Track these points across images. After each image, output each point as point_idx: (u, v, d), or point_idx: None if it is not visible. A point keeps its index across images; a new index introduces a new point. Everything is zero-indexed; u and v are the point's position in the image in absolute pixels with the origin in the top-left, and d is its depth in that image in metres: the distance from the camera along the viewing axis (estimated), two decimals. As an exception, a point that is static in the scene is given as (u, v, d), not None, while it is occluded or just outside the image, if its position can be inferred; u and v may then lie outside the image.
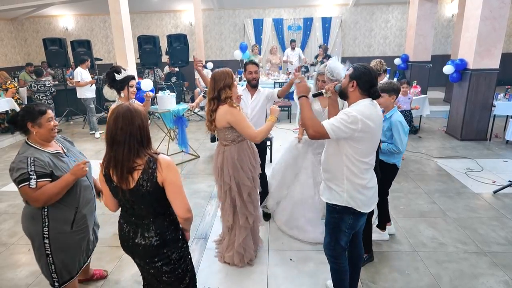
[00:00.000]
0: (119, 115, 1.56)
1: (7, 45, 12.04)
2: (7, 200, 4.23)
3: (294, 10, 11.61)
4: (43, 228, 2.05)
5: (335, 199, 2.06)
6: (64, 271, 2.18)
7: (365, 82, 1.94)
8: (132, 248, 1.74)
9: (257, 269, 2.83)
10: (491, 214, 3.61)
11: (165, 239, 1.70)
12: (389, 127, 2.80)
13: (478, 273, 2.72)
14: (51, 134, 2.07)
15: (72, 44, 8.22)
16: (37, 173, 1.92)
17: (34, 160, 1.93)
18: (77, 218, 2.13)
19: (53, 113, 2.11)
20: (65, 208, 2.08)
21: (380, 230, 3.16)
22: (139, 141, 1.58)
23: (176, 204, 1.64)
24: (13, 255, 3.12)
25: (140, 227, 1.69)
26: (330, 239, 2.17)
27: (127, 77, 3.06)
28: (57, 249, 2.10)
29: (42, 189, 1.92)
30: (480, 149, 5.65)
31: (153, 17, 11.97)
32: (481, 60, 5.69)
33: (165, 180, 1.59)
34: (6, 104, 6.67)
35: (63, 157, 2.11)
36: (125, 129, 1.54)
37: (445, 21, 11.43)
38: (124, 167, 1.56)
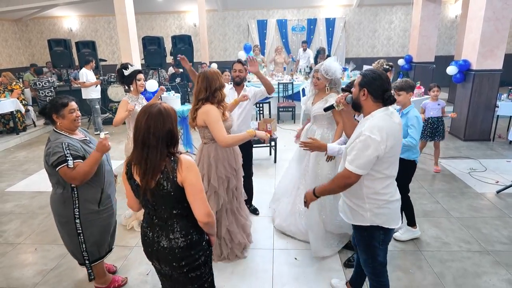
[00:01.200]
0: (151, 119, 1.55)
1: (12, 46, 12.13)
2: (14, 200, 4.28)
3: (298, 11, 11.64)
4: (73, 209, 2.26)
5: (358, 220, 1.94)
6: (94, 250, 2.40)
7: (377, 88, 1.82)
8: (157, 253, 1.66)
9: (262, 268, 2.86)
10: (494, 214, 3.62)
11: (191, 240, 1.65)
12: (406, 123, 2.84)
13: (481, 272, 2.73)
14: (74, 124, 2.28)
15: (77, 45, 8.27)
16: (72, 155, 2.15)
17: (68, 145, 2.16)
18: (103, 197, 2.35)
19: (76, 105, 2.31)
20: (92, 189, 2.30)
21: (412, 228, 3.16)
22: (167, 144, 1.58)
23: (195, 207, 1.60)
24: (20, 254, 3.16)
25: (164, 229, 1.65)
26: (366, 257, 2.03)
27: (134, 71, 3.30)
28: (87, 228, 2.31)
29: (77, 168, 2.13)
30: (483, 149, 5.65)
31: (157, 18, 12.03)
32: (484, 61, 5.69)
33: (184, 180, 1.57)
34: (11, 105, 6.73)
35: (89, 143, 2.36)
36: (157, 134, 1.54)
37: (449, 22, 11.42)
38: (150, 169, 1.55)
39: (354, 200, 1.93)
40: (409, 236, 3.15)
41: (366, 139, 1.74)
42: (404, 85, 2.90)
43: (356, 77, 1.96)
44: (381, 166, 1.81)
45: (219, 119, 2.50)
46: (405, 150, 2.82)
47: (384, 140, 1.73)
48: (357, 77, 1.94)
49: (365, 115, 1.88)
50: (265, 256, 3.01)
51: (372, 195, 1.87)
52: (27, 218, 3.80)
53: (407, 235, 3.15)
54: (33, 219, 3.77)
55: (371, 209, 1.88)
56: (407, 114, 2.88)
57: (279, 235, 3.32)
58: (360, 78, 1.88)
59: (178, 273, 1.68)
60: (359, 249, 2.08)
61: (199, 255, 1.69)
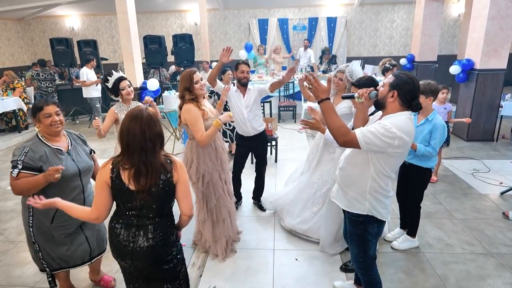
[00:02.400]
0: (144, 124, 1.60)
1: (14, 45, 12.15)
2: (15, 198, 4.27)
3: (299, 10, 11.60)
4: (28, 217, 2.16)
5: (355, 207, 1.99)
6: (54, 261, 2.25)
7: (408, 93, 1.80)
8: (132, 251, 1.68)
9: (262, 269, 2.84)
10: (498, 216, 3.58)
11: (167, 238, 1.74)
12: (430, 130, 2.72)
13: (485, 275, 2.70)
14: (51, 129, 2.10)
15: (79, 44, 8.28)
16: (24, 163, 2.00)
17: (28, 151, 2.02)
18: (58, 214, 2.14)
19: (56, 108, 2.12)
20: None
21: (411, 237, 3.05)
22: (161, 146, 1.67)
23: (185, 203, 1.71)
24: (21, 252, 3.15)
25: (142, 228, 1.68)
26: (358, 251, 2.09)
27: (115, 82, 3.06)
28: (41, 239, 2.19)
29: (19, 181, 2.00)
30: (486, 150, 5.61)
31: (158, 17, 12.01)
32: (488, 60, 5.65)
33: (179, 179, 1.67)
34: (13, 103, 6.73)
35: (62, 155, 2.14)
36: (153, 138, 1.62)
37: (452, 20, 11.35)
38: (155, 172, 1.62)
39: (355, 190, 1.97)
40: (408, 246, 3.03)
41: (388, 127, 1.74)
42: (423, 89, 2.70)
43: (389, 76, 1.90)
44: (389, 163, 1.85)
45: (197, 119, 2.61)
46: (424, 158, 2.75)
47: (402, 137, 1.75)
48: (389, 77, 1.90)
49: (385, 115, 1.88)
50: (266, 257, 2.99)
51: (375, 189, 1.92)
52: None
53: (405, 245, 3.03)
54: (34, 218, 3.76)
55: (371, 201, 1.94)
56: (432, 121, 2.74)
57: (280, 235, 3.30)
58: (392, 79, 1.84)
59: (152, 269, 1.75)
60: (352, 243, 2.12)
61: (176, 252, 1.80)
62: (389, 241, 3.12)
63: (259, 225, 3.49)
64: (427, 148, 2.70)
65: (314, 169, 3.23)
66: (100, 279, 2.66)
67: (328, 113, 1.80)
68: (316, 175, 3.18)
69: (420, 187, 2.87)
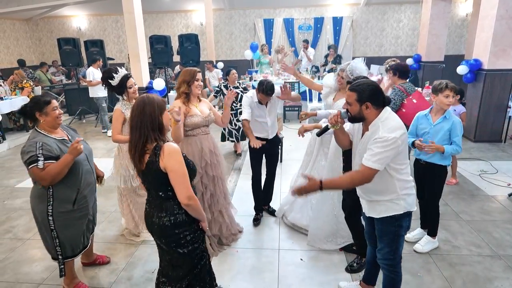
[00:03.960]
0: (134, 105, 1.76)
1: (22, 45, 12.28)
2: (23, 196, 4.32)
3: (305, 10, 11.57)
4: (47, 206, 2.27)
5: (393, 210, 2.00)
6: (68, 247, 2.40)
7: (377, 96, 1.86)
8: (151, 226, 1.87)
9: (267, 269, 2.84)
10: (506, 217, 3.54)
11: (175, 220, 1.80)
12: (449, 128, 2.72)
13: (492, 277, 2.67)
14: (57, 121, 2.29)
15: (86, 43, 8.34)
16: (44, 155, 2.14)
17: (42, 145, 2.16)
18: (78, 198, 2.34)
19: (57, 102, 2.33)
20: (68, 189, 2.30)
21: (432, 238, 3.02)
22: (150, 128, 1.72)
23: (177, 191, 1.75)
24: (29, 250, 3.19)
25: (155, 206, 1.83)
26: (390, 249, 2.09)
27: (123, 79, 2.92)
28: (60, 226, 2.32)
29: (47, 169, 2.14)
30: (494, 151, 5.55)
31: (164, 17, 12.06)
32: (497, 61, 5.59)
33: (166, 166, 1.70)
34: (21, 102, 6.78)
35: (68, 143, 2.32)
36: (137, 117, 1.73)
37: (459, 20, 11.24)
38: (136, 150, 1.73)
39: (387, 196, 1.98)
40: (431, 247, 2.99)
41: (386, 140, 1.79)
42: (438, 87, 2.73)
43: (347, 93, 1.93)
44: (401, 157, 1.90)
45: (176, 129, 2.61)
46: (440, 156, 2.75)
47: (399, 135, 1.80)
48: (348, 93, 1.91)
49: (369, 123, 1.91)
50: (271, 257, 2.99)
51: (403, 185, 1.96)
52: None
53: (428, 247, 2.98)
54: (41, 216, 3.80)
55: (404, 198, 1.97)
56: (450, 118, 2.73)
57: (284, 235, 3.30)
58: (355, 94, 1.86)
59: (168, 247, 1.86)
60: (383, 242, 2.09)
61: (184, 234, 1.83)
62: (409, 242, 3.09)
63: (264, 225, 3.49)
64: (453, 146, 2.72)
65: (312, 165, 3.30)
66: (95, 258, 2.87)
67: (336, 186, 2.00)
68: (315, 169, 3.25)
69: (439, 185, 2.87)
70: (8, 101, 6.51)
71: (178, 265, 1.91)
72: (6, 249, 3.21)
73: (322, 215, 3.05)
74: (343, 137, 2.15)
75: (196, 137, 2.83)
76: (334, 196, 3.01)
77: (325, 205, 3.04)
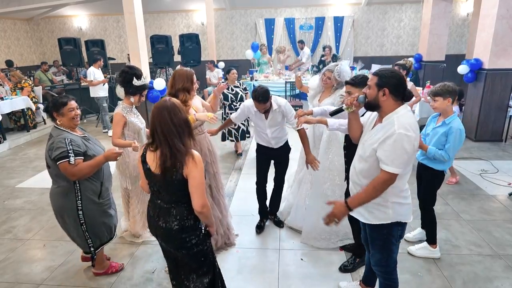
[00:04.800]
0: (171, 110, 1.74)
1: (23, 45, 12.30)
2: (24, 196, 4.33)
3: (306, 9, 11.56)
4: (76, 201, 2.38)
5: (379, 219, 1.91)
6: (96, 238, 2.53)
7: (398, 86, 1.77)
8: (155, 229, 1.91)
9: (267, 268, 2.84)
10: (506, 217, 3.53)
11: (183, 225, 1.83)
12: (445, 133, 2.63)
13: (492, 276, 2.67)
14: (73, 122, 2.37)
15: (86, 43, 8.35)
16: (74, 151, 2.25)
17: (71, 141, 2.26)
18: (102, 190, 2.49)
19: (76, 103, 2.39)
20: (93, 182, 2.43)
21: (431, 247, 2.89)
22: (187, 133, 1.77)
23: (194, 198, 1.77)
24: (29, 250, 3.19)
25: (163, 210, 1.85)
26: (381, 256, 2.02)
27: (145, 86, 2.93)
28: (89, 218, 2.44)
29: (79, 166, 2.25)
30: (495, 150, 5.54)
31: (165, 17, 12.07)
32: (497, 60, 5.58)
33: (189, 173, 1.73)
34: (22, 102, 6.82)
35: (89, 140, 2.46)
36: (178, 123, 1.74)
37: (460, 20, 11.22)
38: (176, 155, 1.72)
39: (376, 200, 1.86)
40: (425, 254, 2.88)
41: (402, 137, 1.70)
42: (440, 90, 2.64)
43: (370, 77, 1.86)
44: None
45: None
46: (435, 160, 2.69)
47: (416, 136, 1.73)
48: (370, 77, 1.86)
49: (384, 115, 1.83)
50: (271, 257, 2.99)
51: (397, 193, 1.86)
52: (36, 214, 3.84)
53: (422, 252, 2.89)
54: (42, 215, 3.81)
55: (394, 207, 1.87)
56: (450, 123, 2.63)
57: (285, 235, 3.30)
58: (376, 78, 1.80)
59: (175, 250, 1.91)
60: (374, 248, 2.04)
61: (190, 238, 1.87)
62: (408, 241, 3.08)
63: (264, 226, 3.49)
64: (440, 151, 2.63)
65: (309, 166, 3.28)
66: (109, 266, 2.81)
67: (363, 201, 1.84)
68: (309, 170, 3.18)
69: (430, 189, 2.78)
70: (9, 101, 6.52)
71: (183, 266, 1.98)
72: (6, 249, 3.21)
73: (316, 212, 3.01)
74: (356, 126, 2.04)
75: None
76: (327, 193, 2.99)
77: (319, 202, 2.99)
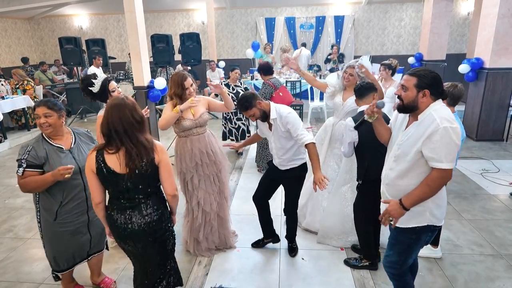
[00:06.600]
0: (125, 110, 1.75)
1: (24, 44, 12.30)
2: (24, 195, 4.32)
3: (307, 8, 11.55)
4: (37, 212, 2.25)
5: (415, 221, 1.82)
6: (53, 261, 2.32)
7: (437, 87, 1.71)
8: (130, 233, 1.84)
9: (268, 268, 2.84)
10: (508, 216, 3.53)
11: (162, 213, 1.91)
12: None
13: (494, 276, 2.67)
14: (42, 130, 2.15)
15: (87, 43, 8.35)
16: (27, 162, 2.08)
17: (30, 150, 2.10)
18: (60, 211, 2.20)
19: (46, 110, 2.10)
20: (51, 199, 2.18)
21: (432, 246, 2.86)
22: (143, 128, 1.79)
23: (167, 183, 1.86)
24: (30, 249, 3.19)
25: (136, 208, 1.84)
26: (398, 259, 1.95)
27: (103, 84, 2.64)
28: (46, 235, 2.26)
29: (27, 179, 2.07)
30: (496, 149, 5.53)
31: (166, 16, 12.06)
32: (498, 59, 5.56)
33: (161, 160, 1.81)
34: (23, 101, 6.82)
35: (62, 153, 2.18)
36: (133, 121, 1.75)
37: (461, 19, 11.20)
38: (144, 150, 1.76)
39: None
40: (426, 253, 2.83)
41: (447, 130, 1.63)
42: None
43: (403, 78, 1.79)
44: None
45: (165, 113, 2.70)
46: None
47: (459, 127, 1.69)
48: (405, 77, 1.78)
49: (418, 113, 1.76)
50: (272, 256, 2.99)
51: (437, 195, 1.77)
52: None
53: (423, 252, 2.73)
54: (43, 215, 3.80)
55: (431, 209, 1.80)
56: None
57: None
58: (415, 79, 1.72)
59: (150, 246, 1.90)
60: (393, 250, 1.96)
61: (168, 226, 1.96)
62: None
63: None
64: None
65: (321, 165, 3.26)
66: (101, 281, 2.66)
67: (418, 200, 1.75)
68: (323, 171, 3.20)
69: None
70: (10, 100, 6.52)
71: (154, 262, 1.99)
72: (7, 248, 3.22)
73: (335, 214, 3.01)
74: (382, 130, 1.99)
75: (187, 138, 2.80)
76: (346, 194, 2.99)
77: (337, 203, 3.01)
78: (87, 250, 2.40)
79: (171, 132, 5.44)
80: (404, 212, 1.78)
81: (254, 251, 3.06)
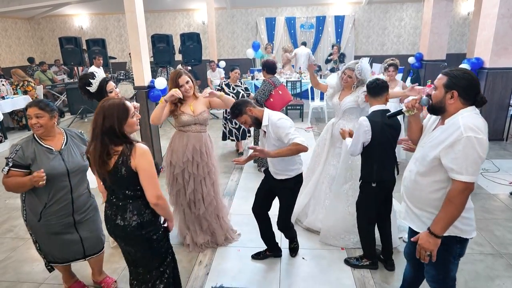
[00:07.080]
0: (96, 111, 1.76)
1: (24, 44, 12.31)
2: (25, 195, 4.33)
3: (307, 8, 11.56)
4: (23, 211, 2.24)
5: None
6: (48, 254, 2.34)
7: (468, 89, 1.59)
8: (114, 229, 1.86)
9: (269, 267, 2.85)
10: (507, 216, 3.53)
11: (142, 220, 1.82)
12: None
13: (494, 275, 2.67)
14: (33, 130, 2.14)
15: (87, 42, 8.35)
16: (13, 161, 2.07)
17: (18, 149, 2.08)
18: (45, 212, 2.17)
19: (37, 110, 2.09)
20: (36, 200, 2.17)
21: None
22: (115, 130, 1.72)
23: (148, 190, 1.77)
24: (30, 249, 3.19)
25: (119, 209, 1.83)
26: (436, 272, 1.83)
27: (101, 84, 2.67)
28: (33, 233, 2.29)
29: (9, 179, 2.07)
30: (496, 149, 5.53)
31: (166, 16, 12.07)
32: (498, 59, 5.57)
33: (137, 166, 1.73)
34: (23, 101, 6.83)
35: (51, 154, 2.15)
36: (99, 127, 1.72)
37: (461, 19, 11.21)
38: (101, 155, 1.73)
39: (429, 209, 1.73)
40: None
41: (471, 140, 1.53)
42: None
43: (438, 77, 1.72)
44: None
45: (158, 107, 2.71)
46: None
47: (485, 141, 1.56)
48: (439, 76, 1.71)
49: (447, 117, 1.67)
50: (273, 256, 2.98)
51: None
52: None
53: None
54: (43, 215, 3.81)
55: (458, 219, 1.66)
56: None
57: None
58: (445, 78, 1.64)
59: (135, 249, 1.89)
60: (428, 263, 1.79)
61: (150, 235, 1.86)
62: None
63: (265, 224, 3.49)
64: None
65: (323, 165, 3.29)
66: (102, 280, 2.64)
67: (445, 223, 1.63)
68: (326, 170, 3.25)
69: None
70: (10, 100, 6.53)
71: (143, 265, 1.94)
72: (8, 248, 3.22)
73: (337, 212, 3.03)
74: (415, 127, 1.90)
75: (185, 133, 2.86)
76: (348, 193, 3.00)
77: (340, 202, 3.03)
78: (81, 251, 2.36)
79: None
80: (437, 241, 1.65)
81: (255, 250, 3.05)
